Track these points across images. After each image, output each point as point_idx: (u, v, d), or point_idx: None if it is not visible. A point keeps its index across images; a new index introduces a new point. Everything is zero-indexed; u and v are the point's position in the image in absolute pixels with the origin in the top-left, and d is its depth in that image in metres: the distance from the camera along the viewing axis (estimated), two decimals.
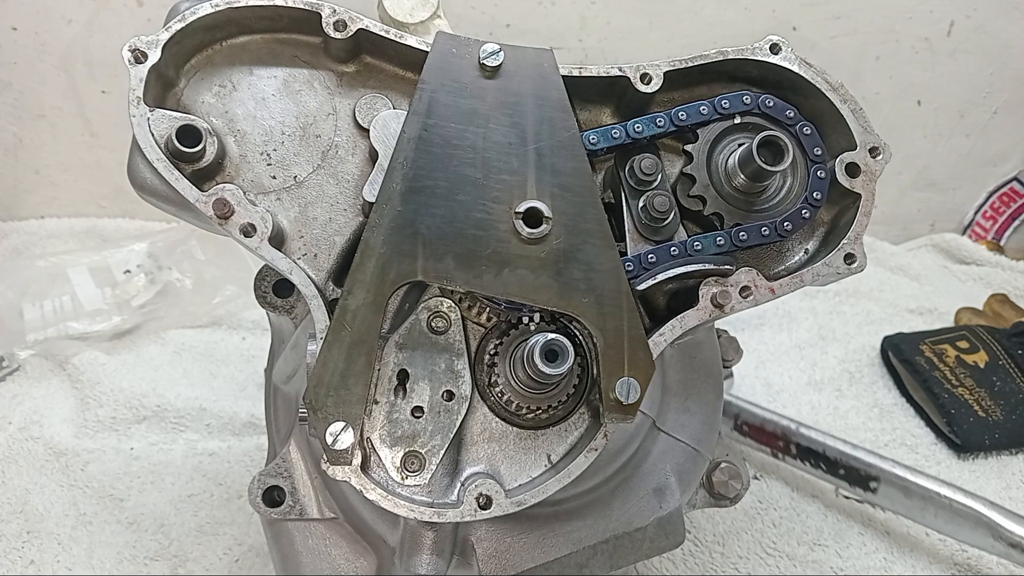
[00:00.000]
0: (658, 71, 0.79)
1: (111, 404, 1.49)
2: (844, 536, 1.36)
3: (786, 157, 0.74)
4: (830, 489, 1.43)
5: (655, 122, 0.79)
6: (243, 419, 1.49)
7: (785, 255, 0.84)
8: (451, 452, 0.76)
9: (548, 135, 0.75)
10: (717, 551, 1.31)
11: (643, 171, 0.79)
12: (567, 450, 0.78)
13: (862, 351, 1.79)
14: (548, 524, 0.88)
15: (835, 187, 0.79)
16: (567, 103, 0.77)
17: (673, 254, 0.77)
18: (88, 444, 1.41)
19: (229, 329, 1.74)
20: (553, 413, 0.78)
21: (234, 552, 1.26)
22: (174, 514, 1.31)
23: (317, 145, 0.80)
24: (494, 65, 0.76)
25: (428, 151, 0.73)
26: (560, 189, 0.74)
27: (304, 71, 0.81)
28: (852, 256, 0.77)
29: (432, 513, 0.72)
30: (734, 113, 0.80)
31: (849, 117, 0.78)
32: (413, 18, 0.87)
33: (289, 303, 1.05)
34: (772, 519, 1.38)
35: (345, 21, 0.77)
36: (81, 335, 1.64)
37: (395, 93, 0.82)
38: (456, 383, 0.76)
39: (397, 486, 0.74)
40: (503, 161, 0.74)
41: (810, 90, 0.80)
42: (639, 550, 0.93)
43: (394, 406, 0.75)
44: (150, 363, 1.61)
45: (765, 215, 0.79)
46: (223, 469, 1.39)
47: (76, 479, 1.35)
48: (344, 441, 0.69)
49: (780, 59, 0.79)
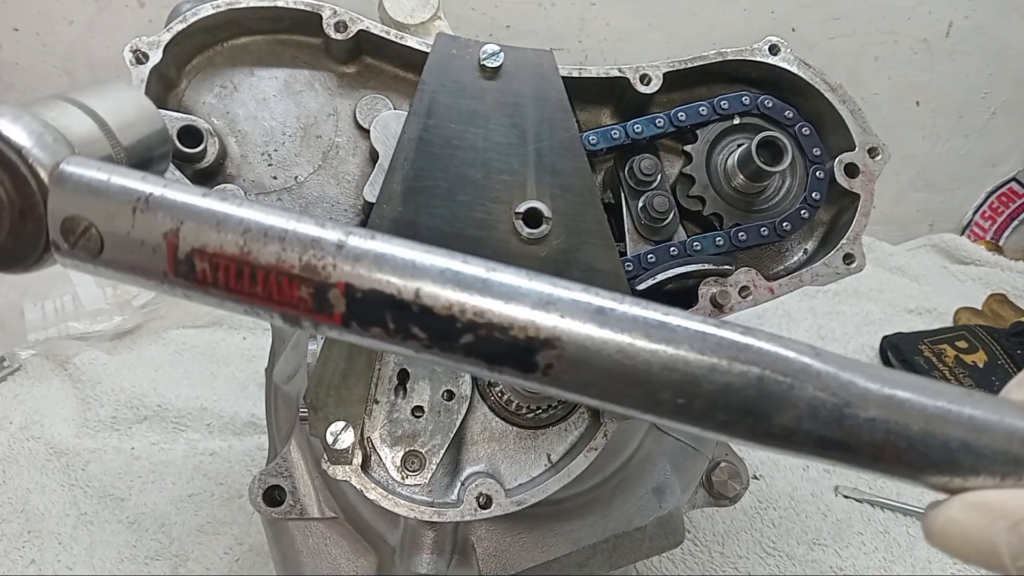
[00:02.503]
0: (657, 72, 0.79)
1: (112, 404, 1.49)
2: (843, 536, 1.36)
3: (785, 158, 0.74)
4: (830, 489, 1.44)
5: (654, 123, 0.79)
6: (244, 419, 1.49)
7: (784, 255, 0.84)
8: (451, 452, 0.76)
9: (548, 136, 0.75)
10: (717, 550, 1.31)
11: (642, 171, 0.79)
12: (567, 449, 0.78)
13: (861, 351, 1.79)
14: (548, 523, 0.88)
15: (834, 187, 0.79)
16: (567, 104, 0.77)
17: (672, 254, 0.78)
18: (89, 444, 1.41)
19: (230, 329, 1.74)
20: (553, 413, 0.78)
21: (235, 551, 1.26)
22: (175, 514, 1.31)
23: (318, 146, 0.81)
24: (494, 66, 0.76)
25: (428, 151, 0.73)
26: (560, 189, 0.74)
27: (305, 72, 0.82)
28: (851, 256, 0.77)
29: (432, 512, 0.72)
30: (733, 114, 0.80)
31: (848, 118, 0.79)
32: (413, 19, 0.88)
33: None
34: (771, 519, 1.38)
35: (346, 22, 0.77)
36: (82, 335, 1.64)
37: (395, 94, 0.82)
38: (456, 382, 0.76)
39: (397, 485, 0.74)
40: (503, 161, 0.74)
41: (809, 91, 0.80)
42: (639, 550, 0.93)
43: (394, 406, 0.75)
44: (151, 363, 1.61)
45: (764, 215, 0.80)
46: (224, 469, 1.39)
47: (77, 479, 1.35)
48: (344, 441, 0.69)
49: (779, 60, 0.80)
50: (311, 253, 0.44)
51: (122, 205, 0.45)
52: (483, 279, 0.44)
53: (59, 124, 0.50)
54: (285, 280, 0.44)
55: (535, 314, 0.44)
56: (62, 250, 0.47)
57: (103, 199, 0.46)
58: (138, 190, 0.46)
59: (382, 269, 0.44)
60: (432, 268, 0.44)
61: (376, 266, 0.44)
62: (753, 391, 0.43)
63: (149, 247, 0.45)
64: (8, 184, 0.46)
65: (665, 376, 0.43)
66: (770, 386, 0.43)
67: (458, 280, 0.44)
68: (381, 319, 0.44)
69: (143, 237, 0.45)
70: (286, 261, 0.44)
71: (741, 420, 0.44)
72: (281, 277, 0.44)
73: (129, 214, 0.45)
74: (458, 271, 0.45)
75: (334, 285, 0.44)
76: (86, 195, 0.46)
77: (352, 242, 0.45)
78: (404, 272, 0.44)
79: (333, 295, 0.44)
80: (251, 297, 0.45)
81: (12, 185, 0.46)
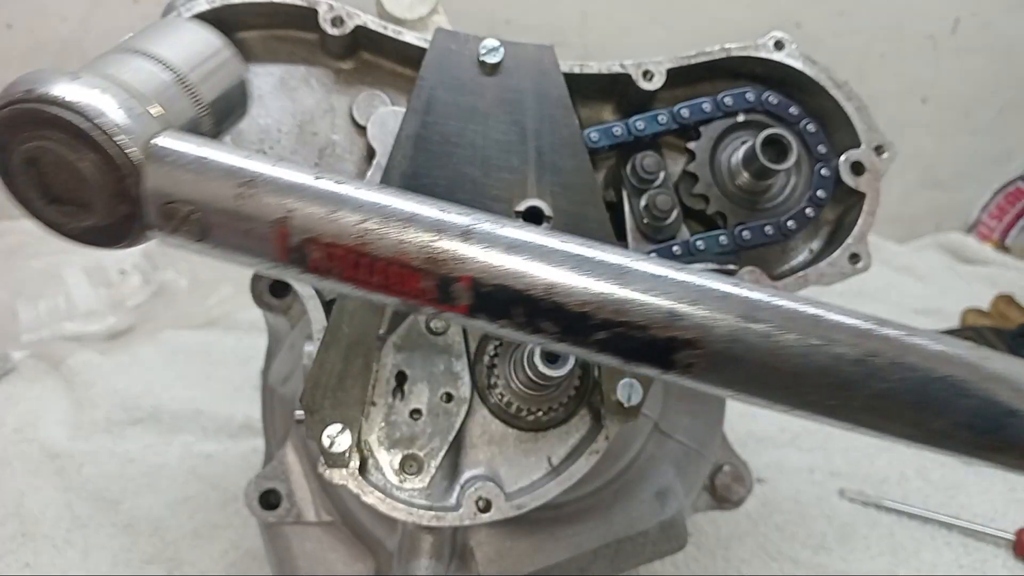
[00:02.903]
0: (660, 68, 0.78)
1: (106, 406, 1.48)
2: (848, 539, 1.35)
3: (790, 155, 0.73)
4: (834, 492, 1.43)
5: (657, 120, 0.78)
6: (239, 421, 1.47)
7: (789, 254, 0.83)
8: (450, 455, 0.75)
9: (549, 133, 0.74)
10: (720, 555, 1.30)
11: (645, 169, 0.78)
12: (568, 453, 0.77)
13: None
14: (548, 528, 0.87)
15: (840, 186, 0.78)
16: (568, 100, 0.76)
17: (675, 254, 0.77)
18: (83, 446, 1.40)
19: (225, 330, 1.73)
20: (554, 415, 0.77)
21: (230, 555, 1.24)
22: (170, 517, 1.30)
23: (314, 143, 0.79)
24: (494, 62, 0.75)
25: (427, 149, 0.72)
26: (561, 188, 0.73)
27: (301, 68, 0.80)
28: (857, 255, 0.77)
29: (431, 516, 0.71)
30: (737, 110, 0.79)
31: (854, 115, 0.78)
32: (412, 14, 0.87)
33: (286, 304, 1.04)
34: (776, 522, 1.37)
35: (342, 17, 0.76)
36: (76, 336, 1.63)
37: (393, 90, 0.81)
38: (455, 385, 0.75)
39: (395, 489, 0.73)
40: (503, 159, 0.73)
41: (814, 87, 0.79)
42: (641, 554, 0.92)
43: (392, 408, 0.74)
44: (145, 364, 1.60)
45: (769, 214, 0.79)
46: (219, 472, 1.38)
47: (71, 481, 1.34)
48: (341, 444, 0.68)
49: (784, 56, 0.79)
50: (434, 245, 0.41)
51: (226, 188, 0.42)
52: (620, 272, 0.41)
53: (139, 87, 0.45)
54: (407, 272, 0.41)
55: (677, 312, 0.40)
56: (161, 233, 0.44)
57: (205, 181, 0.42)
58: (243, 170, 0.42)
59: (512, 262, 0.41)
60: (565, 261, 0.42)
61: (503, 259, 0.41)
62: (914, 395, 0.41)
63: (257, 235, 0.42)
64: (96, 166, 0.43)
65: (817, 378, 0.41)
66: (935, 390, 0.41)
67: (593, 274, 0.41)
68: (508, 313, 0.42)
69: (250, 225, 0.42)
70: (407, 253, 0.41)
71: (899, 419, 0.42)
72: (402, 269, 0.41)
73: (234, 198, 0.42)
74: (592, 265, 0.41)
75: (458, 279, 0.41)
76: (185, 176, 0.42)
77: (479, 231, 0.42)
78: (535, 265, 0.41)
79: (457, 288, 0.41)
80: (368, 286, 0.42)
81: (100, 167, 0.43)
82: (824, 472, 1.47)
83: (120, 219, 0.44)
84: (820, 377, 0.41)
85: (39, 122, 0.43)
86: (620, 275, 0.41)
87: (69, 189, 0.44)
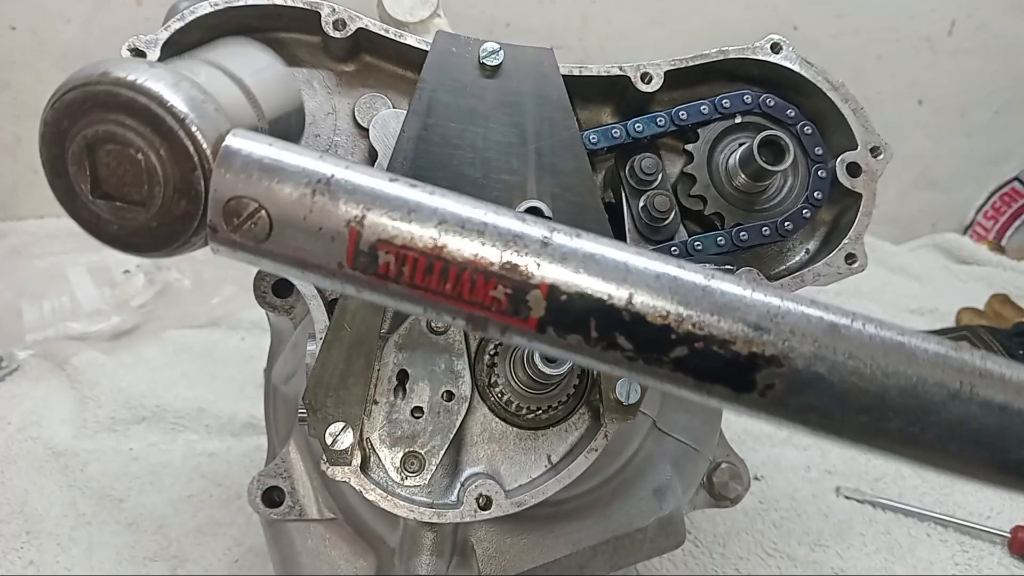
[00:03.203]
0: (659, 70, 0.78)
1: (110, 404, 1.48)
2: (845, 536, 1.35)
3: (787, 157, 0.74)
4: (831, 489, 1.43)
5: (655, 121, 0.79)
6: (242, 419, 1.48)
7: (786, 255, 0.84)
8: (451, 452, 0.76)
9: (548, 134, 0.75)
10: (718, 552, 1.31)
11: (644, 171, 0.78)
12: (567, 450, 0.77)
13: None
14: (548, 525, 0.88)
15: (836, 187, 0.78)
16: (567, 102, 0.76)
17: (674, 254, 0.77)
18: (87, 444, 1.41)
19: (228, 329, 1.73)
20: (553, 413, 0.78)
21: (233, 552, 1.25)
22: (173, 515, 1.30)
23: (316, 145, 0.80)
24: (494, 64, 0.75)
25: (428, 151, 0.73)
26: (560, 189, 0.74)
27: (303, 70, 0.81)
28: (853, 256, 0.77)
29: (432, 514, 0.72)
30: (735, 112, 0.79)
31: (850, 116, 0.78)
32: (413, 17, 0.87)
33: (288, 303, 1.04)
34: (773, 519, 1.37)
35: (344, 20, 0.77)
36: (80, 335, 1.64)
37: (395, 92, 0.81)
38: (456, 383, 0.76)
39: (397, 487, 0.73)
40: (503, 161, 0.74)
41: (811, 89, 0.79)
42: (639, 551, 0.92)
43: (394, 406, 0.74)
44: (149, 363, 1.60)
45: (766, 215, 0.79)
46: (222, 469, 1.39)
47: (75, 479, 1.35)
48: (343, 442, 0.69)
49: (781, 58, 0.79)
50: (513, 250, 0.40)
51: (299, 187, 0.41)
52: (703, 286, 0.40)
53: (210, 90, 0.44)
54: (481, 278, 0.40)
55: (762, 327, 0.39)
56: (219, 233, 0.42)
57: (278, 179, 0.41)
58: (317, 171, 0.41)
59: (591, 270, 0.40)
60: (647, 272, 0.40)
61: (584, 267, 0.40)
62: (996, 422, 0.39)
63: (327, 235, 0.41)
64: (166, 156, 0.41)
65: (900, 401, 0.39)
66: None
67: (675, 287, 0.39)
68: (583, 326, 0.40)
69: (321, 223, 0.41)
70: (485, 257, 0.40)
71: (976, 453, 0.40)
72: (477, 275, 0.40)
73: (307, 197, 0.41)
74: (675, 276, 0.40)
75: (536, 286, 0.40)
76: (257, 174, 0.41)
77: (558, 239, 0.40)
78: (616, 275, 0.40)
79: (533, 297, 0.40)
80: (436, 296, 0.41)
81: (170, 157, 0.41)
82: (821, 470, 1.48)
83: (176, 218, 0.42)
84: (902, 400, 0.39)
85: (111, 106, 0.41)
86: (701, 290, 0.40)
87: (125, 183, 0.42)
